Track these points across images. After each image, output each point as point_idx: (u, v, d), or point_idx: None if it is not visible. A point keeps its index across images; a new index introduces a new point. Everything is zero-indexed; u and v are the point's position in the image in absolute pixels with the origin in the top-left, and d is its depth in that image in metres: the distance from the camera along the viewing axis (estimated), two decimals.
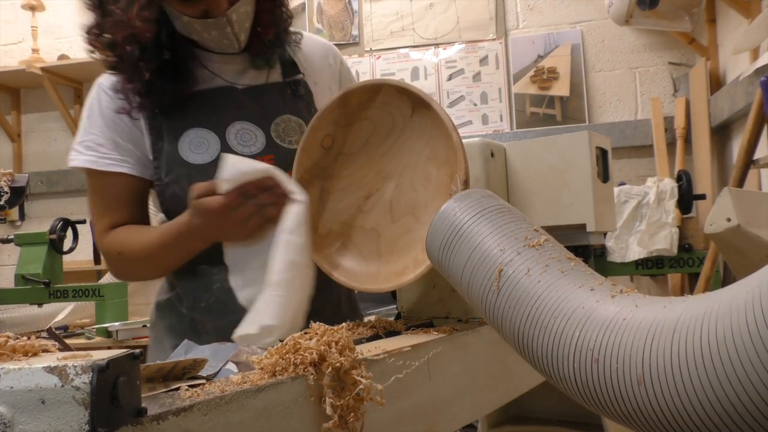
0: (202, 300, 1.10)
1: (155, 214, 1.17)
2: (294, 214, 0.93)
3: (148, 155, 1.10)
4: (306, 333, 0.63)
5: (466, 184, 0.86)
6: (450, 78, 3.09)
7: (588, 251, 1.01)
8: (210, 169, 1.03)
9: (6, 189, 2.53)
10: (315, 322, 0.65)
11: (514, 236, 0.58)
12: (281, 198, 0.95)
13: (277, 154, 1.09)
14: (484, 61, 3.07)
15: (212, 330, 1.08)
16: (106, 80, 1.11)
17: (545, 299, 0.51)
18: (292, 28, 1.18)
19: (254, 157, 1.08)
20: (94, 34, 1.04)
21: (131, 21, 0.99)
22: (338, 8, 3.18)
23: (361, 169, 1.01)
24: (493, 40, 3.05)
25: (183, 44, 1.10)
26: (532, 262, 0.55)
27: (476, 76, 3.07)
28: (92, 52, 1.06)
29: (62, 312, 1.45)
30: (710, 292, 0.40)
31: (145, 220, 1.16)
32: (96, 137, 1.10)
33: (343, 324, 0.66)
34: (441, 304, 0.99)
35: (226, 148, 1.08)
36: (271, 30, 1.12)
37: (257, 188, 0.96)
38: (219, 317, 1.08)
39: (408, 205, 0.97)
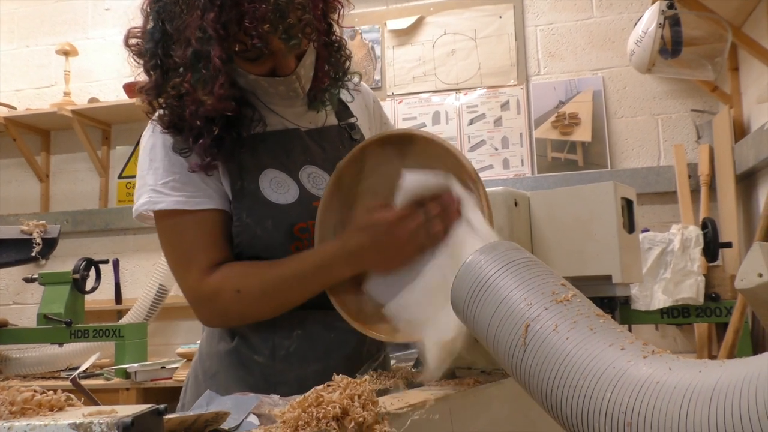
0: (281, 348, 1.04)
1: None
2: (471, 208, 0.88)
3: (228, 193, 1.06)
4: (329, 385, 0.62)
5: (474, 174, 0.88)
6: (471, 122, 3.11)
7: (614, 303, 0.99)
8: (293, 210, 1.03)
9: (38, 240, 2.54)
10: (337, 374, 0.64)
11: (541, 291, 0.57)
12: (449, 209, 0.91)
13: None
14: (505, 106, 3.09)
15: (293, 380, 1.02)
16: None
17: (574, 357, 0.50)
18: (351, 70, 1.16)
19: None
20: (153, 96, 1.01)
21: (204, 95, 0.95)
22: (361, 54, 3.24)
23: None
24: (515, 85, 3.08)
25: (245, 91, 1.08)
26: (560, 318, 0.54)
27: (497, 121, 3.09)
28: (149, 112, 1.03)
29: (87, 362, 1.44)
30: (748, 358, 0.39)
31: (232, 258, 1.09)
32: (180, 176, 1.04)
33: (366, 376, 0.65)
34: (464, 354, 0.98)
35: (303, 190, 1.05)
36: (330, 75, 1.11)
37: (431, 199, 0.93)
38: (301, 366, 1.03)
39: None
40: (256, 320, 1.06)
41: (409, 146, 0.96)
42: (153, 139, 1.07)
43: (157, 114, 1.03)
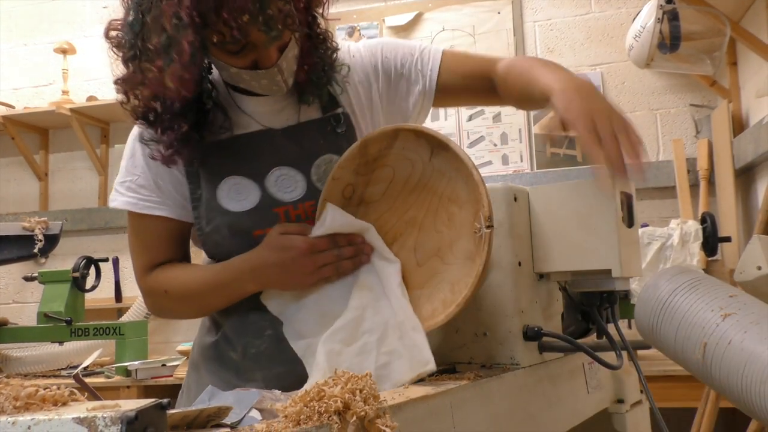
0: (252, 346, 1.06)
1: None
2: (392, 274, 0.95)
3: (187, 200, 1.08)
4: (332, 379, 0.62)
5: (489, 220, 0.86)
6: (470, 118, 3.11)
7: (613, 297, 0.99)
8: (250, 217, 1.04)
9: (40, 237, 2.55)
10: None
11: (710, 309, 0.69)
12: (361, 255, 0.97)
13: (317, 199, 1.03)
14: None
15: (260, 379, 1.04)
16: None
17: (752, 366, 0.55)
18: (338, 62, 1.12)
19: (294, 203, 1.06)
20: (128, 87, 0.99)
21: (171, 81, 0.93)
22: None
23: (383, 216, 1.02)
24: None
25: (220, 89, 1.09)
26: (731, 332, 0.62)
27: (496, 117, 3.09)
28: (124, 102, 1.02)
29: (90, 357, 1.45)
30: None
31: (186, 258, 1.14)
32: (138, 178, 1.08)
33: (368, 371, 0.65)
34: (464, 349, 0.98)
35: (266, 195, 1.05)
36: (316, 68, 1.08)
37: (346, 241, 0.97)
38: (267, 367, 1.06)
39: (433, 248, 0.97)
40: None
41: (442, 150, 0.95)
42: (130, 139, 1.11)
43: (131, 105, 1.02)
